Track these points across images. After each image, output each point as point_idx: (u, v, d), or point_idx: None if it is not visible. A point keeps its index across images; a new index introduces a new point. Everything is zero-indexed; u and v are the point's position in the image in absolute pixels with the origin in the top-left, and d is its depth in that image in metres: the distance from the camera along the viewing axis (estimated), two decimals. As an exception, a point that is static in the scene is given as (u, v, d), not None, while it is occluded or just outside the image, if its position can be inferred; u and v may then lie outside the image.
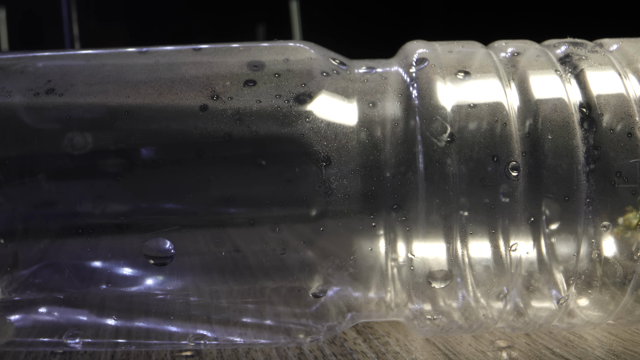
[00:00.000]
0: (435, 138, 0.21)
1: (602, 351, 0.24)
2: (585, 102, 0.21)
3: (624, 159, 0.21)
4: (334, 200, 0.20)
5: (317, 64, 0.22)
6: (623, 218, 0.22)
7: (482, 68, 0.22)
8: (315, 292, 0.21)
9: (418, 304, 0.22)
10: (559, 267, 0.21)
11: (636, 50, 0.23)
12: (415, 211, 0.21)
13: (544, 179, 0.21)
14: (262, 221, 0.20)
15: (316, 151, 0.20)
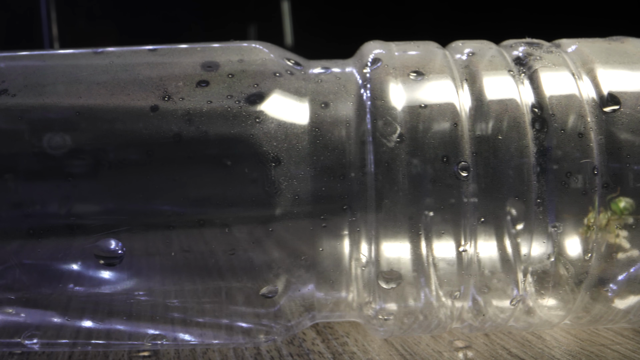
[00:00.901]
0: (385, 138, 0.21)
1: (559, 351, 0.24)
2: (537, 102, 0.21)
3: (574, 159, 0.21)
4: (283, 201, 0.20)
5: (270, 64, 0.22)
6: (589, 218, 0.22)
7: (435, 69, 0.22)
8: (265, 292, 0.21)
9: (371, 304, 0.22)
10: (511, 267, 0.21)
11: (592, 51, 0.23)
12: (365, 212, 0.20)
13: (494, 179, 0.21)
14: (211, 222, 0.20)
15: (265, 152, 0.20)
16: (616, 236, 0.22)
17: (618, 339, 0.25)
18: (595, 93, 0.22)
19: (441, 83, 0.22)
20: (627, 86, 0.22)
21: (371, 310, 0.22)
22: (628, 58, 0.23)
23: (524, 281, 0.22)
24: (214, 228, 0.20)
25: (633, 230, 0.22)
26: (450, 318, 0.23)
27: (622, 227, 0.22)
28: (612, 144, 0.21)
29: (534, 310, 0.23)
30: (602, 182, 0.21)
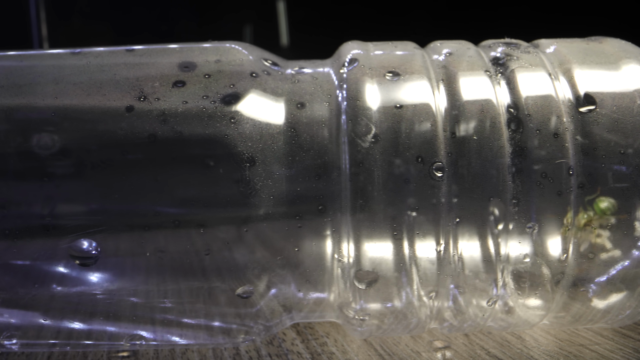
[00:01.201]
0: (360, 139, 0.21)
1: (537, 351, 0.24)
2: (513, 102, 0.21)
3: (549, 159, 0.21)
4: (258, 201, 0.20)
5: (247, 64, 0.22)
6: (566, 218, 0.22)
7: (412, 69, 0.22)
8: (241, 293, 0.21)
9: (349, 304, 0.22)
10: (488, 267, 0.21)
11: (570, 51, 0.23)
12: (340, 212, 0.21)
13: (469, 179, 0.21)
14: (186, 222, 0.20)
15: (240, 152, 0.20)
16: (597, 236, 0.22)
17: (597, 339, 0.25)
18: (571, 93, 0.22)
19: (417, 83, 0.22)
20: (603, 86, 0.22)
21: (349, 310, 0.22)
22: (605, 58, 0.23)
23: (502, 281, 0.22)
24: (190, 228, 0.20)
25: (614, 230, 0.22)
26: (429, 318, 0.23)
27: (603, 227, 0.22)
28: (588, 145, 0.21)
29: (513, 310, 0.23)
30: (577, 183, 0.21)
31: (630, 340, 0.25)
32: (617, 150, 0.21)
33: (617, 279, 0.22)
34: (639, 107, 0.21)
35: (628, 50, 0.23)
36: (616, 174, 0.21)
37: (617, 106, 0.21)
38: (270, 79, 0.22)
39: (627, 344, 0.24)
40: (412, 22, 0.98)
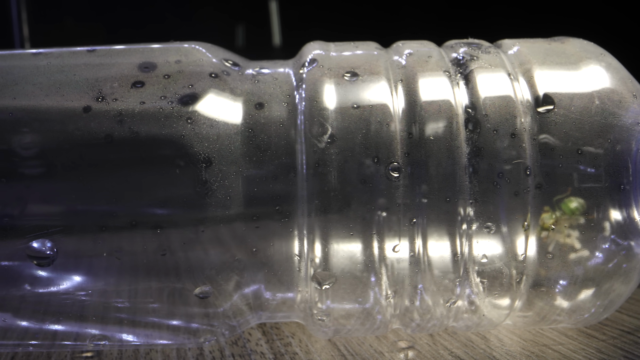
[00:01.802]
0: (316, 139, 0.21)
1: (500, 352, 0.24)
2: (471, 103, 0.21)
3: (506, 159, 0.21)
4: (215, 201, 0.20)
5: (207, 65, 0.22)
6: (540, 218, 0.22)
7: (370, 69, 0.22)
8: (198, 293, 0.21)
9: (308, 305, 0.22)
10: (446, 268, 0.21)
11: (531, 51, 0.23)
12: (296, 213, 0.21)
13: (426, 180, 0.21)
14: (143, 222, 0.20)
15: (196, 152, 0.20)
16: (567, 236, 0.22)
17: (561, 339, 0.25)
18: (530, 93, 0.22)
19: (375, 84, 0.22)
20: (562, 87, 0.22)
21: (311, 311, 0.22)
22: (566, 58, 0.23)
23: (462, 281, 0.22)
24: (147, 229, 0.20)
25: (582, 229, 0.22)
26: (392, 318, 0.23)
27: (572, 227, 0.22)
28: (546, 145, 0.21)
29: (475, 310, 0.23)
30: (535, 183, 0.21)
31: (594, 340, 0.25)
32: (575, 150, 0.21)
33: (582, 278, 0.22)
34: (597, 107, 0.21)
35: (589, 50, 0.23)
36: (573, 174, 0.21)
37: (575, 106, 0.21)
38: (229, 79, 0.22)
39: (591, 344, 0.24)
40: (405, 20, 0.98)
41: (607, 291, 0.23)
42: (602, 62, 0.23)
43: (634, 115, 0.22)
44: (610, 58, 0.23)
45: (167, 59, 0.22)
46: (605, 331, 0.25)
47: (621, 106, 0.21)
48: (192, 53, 0.23)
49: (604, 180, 0.21)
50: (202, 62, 0.22)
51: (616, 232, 0.22)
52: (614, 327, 0.26)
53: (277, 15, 1.04)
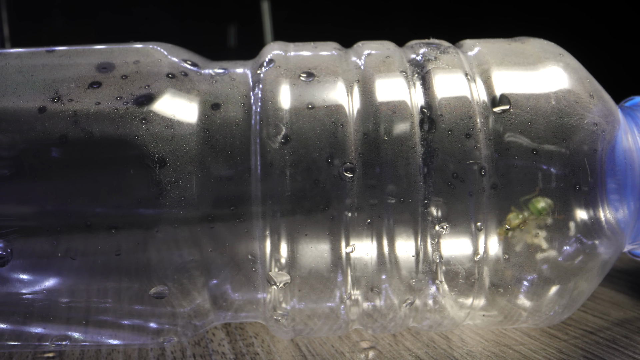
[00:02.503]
0: (270, 140, 0.21)
1: (461, 352, 0.24)
2: (427, 103, 0.21)
3: (461, 160, 0.21)
4: (169, 202, 0.20)
5: (165, 66, 0.22)
6: (507, 218, 0.22)
7: (327, 70, 0.22)
8: (154, 293, 0.21)
9: (265, 305, 0.22)
10: (400, 269, 0.21)
11: (490, 52, 0.23)
12: (250, 213, 0.21)
13: (380, 180, 0.21)
14: (98, 223, 0.20)
15: (150, 153, 0.20)
16: (535, 236, 0.22)
17: (524, 339, 0.25)
18: (486, 94, 0.22)
19: (331, 84, 0.22)
20: (519, 87, 0.22)
21: (268, 311, 0.22)
22: (524, 59, 0.23)
23: (417, 281, 0.22)
24: (101, 229, 0.20)
25: (543, 229, 0.22)
26: (349, 319, 0.23)
27: (540, 227, 0.22)
28: (500, 145, 0.21)
29: (433, 310, 0.23)
30: (490, 183, 0.21)
31: (556, 340, 0.25)
32: (530, 151, 0.21)
33: (544, 277, 0.22)
34: (553, 107, 0.21)
35: (548, 50, 0.23)
36: (528, 174, 0.21)
37: (531, 107, 0.21)
38: (186, 79, 0.22)
39: (552, 344, 0.24)
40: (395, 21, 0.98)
41: (570, 290, 0.23)
42: (561, 62, 0.22)
43: (591, 115, 0.22)
44: (569, 58, 0.23)
45: (125, 60, 0.22)
46: (568, 331, 0.25)
47: (577, 106, 0.21)
48: (151, 54, 0.23)
49: (559, 181, 0.21)
50: (161, 62, 0.22)
51: (581, 231, 0.22)
52: (577, 327, 0.26)
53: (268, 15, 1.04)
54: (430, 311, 0.23)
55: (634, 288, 0.30)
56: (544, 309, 0.23)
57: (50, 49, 0.23)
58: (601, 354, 0.23)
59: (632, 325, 0.26)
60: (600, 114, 0.22)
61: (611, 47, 0.87)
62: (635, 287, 0.31)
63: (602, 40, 0.85)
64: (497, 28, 0.33)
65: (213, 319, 0.23)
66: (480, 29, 0.30)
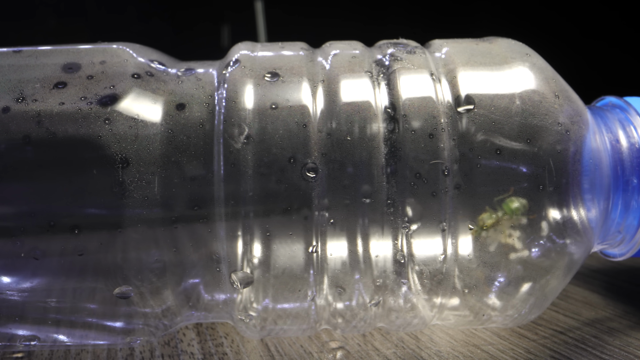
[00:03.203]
0: (233, 140, 0.21)
1: (429, 352, 0.24)
2: (391, 103, 0.21)
3: (424, 160, 0.21)
4: (132, 202, 0.20)
5: (131, 66, 0.22)
6: (479, 218, 0.22)
7: (292, 70, 0.22)
8: (118, 293, 0.21)
9: (233, 305, 0.22)
10: (364, 268, 0.21)
11: (456, 52, 0.23)
12: (213, 213, 0.21)
13: (342, 180, 0.21)
14: (61, 223, 0.20)
15: (113, 153, 0.20)
16: (508, 236, 0.22)
17: (493, 339, 0.25)
18: (451, 94, 0.22)
19: (295, 84, 0.22)
20: (484, 87, 0.22)
21: (234, 311, 0.22)
22: (490, 59, 0.23)
23: (382, 281, 0.22)
24: (64, 229, 0.20)
25: (517, 229, 0.22)
26: (315, 319, 0.23)
27: (514, 227, 0.22)
28: (464, 145, 0.21)
29: (399, 310, 0.23)
30: (454, 183, 0.21)
31: (525, 340, 0.25)
32: (494, 151, 0.21)
33: (514, 277, 0.22)
34: (517, 107, 0.21)
35: (514, 50, 0.23)
36: (491, 174, 0.21)
37: (495, 107, 0.21)
38: (152, 80, 0.22)
39: (521, 344, 0.24)
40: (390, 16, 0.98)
41: (540, 289, 0.23)
42: (527, 62, 0.22)
43: (555, 115, 0.22)
44: (536, 58, 0.23)
45: (92, 60, 0.22)
46: (538, 331, 0.25)
47: (542, 106, 0.21)
48: (118, 54, 0.23)
49: (522, 181, 0.21)
50: (127, 63, 0.22)
51: (552, 231, 0.22)
52: (547, 326, 0.26)
53: (262, 15, 1.04)
54: (399, 311, 0.23)
55: (608, 288, 0.30)
56: (514, 308, 0.23)
57: (17, 49, 0.23)
58: (569, 354, 0.23)
59: (602, 325, 0.26)
60: (566, 114, 0.22)
61: (584, 47, 0.87)
62: (609, 287, 0.31)
63: (575, 40, 0.85)
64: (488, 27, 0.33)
65: (182, 319, 0.23)
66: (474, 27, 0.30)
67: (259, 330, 0.23)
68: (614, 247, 0.26)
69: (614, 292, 0.30)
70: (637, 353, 0.23)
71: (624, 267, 0.33)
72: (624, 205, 0.24)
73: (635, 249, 0.25)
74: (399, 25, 0.97)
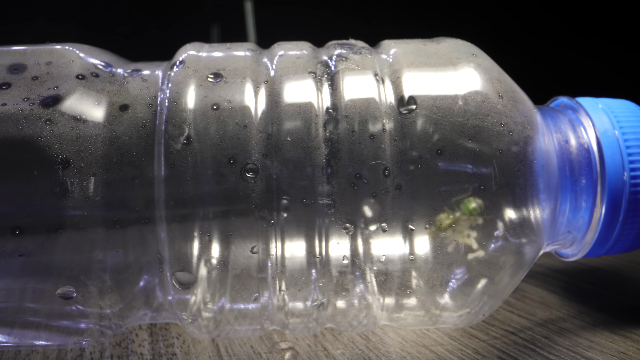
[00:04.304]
0: (173, 141, 0.21)
1: (377, 353, 0.24)
2: (333, 104, 0.21)
3: (364, 161, 0.21)
4: (73, 203, 0.20)
5: (77, 67, 0.22)
6: (436, 219, 0.22)
7: (236, 71, 0.22)
8: (60, 293, 0.21)
9: (179, 306, 0.22)
10: (303, 269, 0.21)
11: (403, 52, 0.23)
12: (154, 215, 0.21)
13: (283, 181, 0.21)
14: (2, 224, 0.20)
15: (54, 154, 0.20)
16: (467, 236, 0.22)
17: (443, 339, 0.25)
18: (394, 95, 0.22)
19: (238, 85, 0.22)
20: (427, 88, 0.22)
21: (178, 312, 0.22)
22: (436, 59, 0.23)
23: (324, 282, 0.22)
24: (5, 230, 0.20)
25: (472, 230, 0.22)
26: (259, 320, 0.23)
27: (472, 228, 0.22)
28: (405, 146, 0.21)
29: (340, 312, 0.23)
30: (395, 184, 0.21)
31: (475, 341, 0.25)
32: (435, 152, 0.21)
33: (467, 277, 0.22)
34: (459, 108, 0.21)
35: (461, 51, 0.23)
36: (433, 175, 0.21)
37: (438, 107, 0.21)
38: (97, 81, 0.22)
39: (470, 345, 0.24)
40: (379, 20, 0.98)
41: (493, 289, 0.23)
42: (472, 63, 0.22)
43: (498, 116, 0.22)
44: (482, 58, 0.23)
45: (38, 61, 0.22)
46: (490, 331, 0.25)
47: (484, 107, 0.21)
48: (65, 55, 0.23)
49: (464, 182, 0.21)
50: (73, 63, 0.22)
51: (503, 230, 0.22)
52: (499, 327, 0.26)
53: (252, 15, 1.04)
54: (346, 312, 0.23)
55: (566, 288, 0.30)
56: (467, 307, 0.23)
57: (-37, 51, 0.23)
58: (516, 354, 0.23)
59: (554, 326, 0.26)
60: (510, 115, 0.22)
61: (540, 49, 0.87)
62: (568, 287, 0.31)
63: (527, 43, 0.86)
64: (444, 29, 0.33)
65: (132, 320, 0.23)
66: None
67: (206, 330, 0.23)
68: (567, 247, 0.26)
69: (571, 293, 0.30)
70: (585, 353, 0.23)
71: (586, 267, 0.33)
72: (573, 206, 0.24)
73: (585, 249, 0.25)
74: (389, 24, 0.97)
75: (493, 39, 0.28)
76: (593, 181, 0.24)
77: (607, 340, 0.24)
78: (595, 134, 0.24)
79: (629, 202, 0.24)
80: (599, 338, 0.24)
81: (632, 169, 0.24)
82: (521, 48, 0.91)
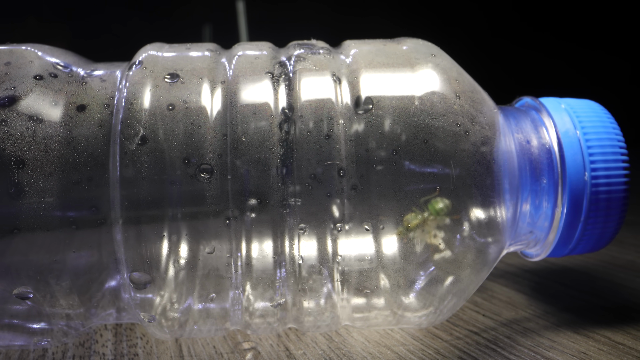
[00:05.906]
0: (128, 141, 0.21)
1: (338, 353, 0.24)
2: (289, 104, 0.21)
3: (319, 161, 0.21)
4: (28, 203, 0.20)
5: (35, 67, 0.22)
6: (404, 219, 0.22)
7: (193, 71, 0.22)
8: (17, 293, 0.21)
9: (134, 307, 0.22)
10: (262, 269, 0.21)
11: (363, 53, 0.23)
12: (110, 215, 0.21)
13: (237, 181, 0.21)
14: (-42, 224, 0.21)
15: (9, 154, 0.20)
16: (434, 236, 0.22)
17: (406, 340, 0.25)
18: (350, 95, 0.22)
19: (194, 86, 0.22)
20: (383, 89, 0.22)
21: (137, 313, 0.22)
22: (394, 59, 0.23)
23: (282, 282, 0.22)
24: (-38, 231, 0.20)
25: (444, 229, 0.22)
26: (219, 321, 0.23)
27: (439, 228, 0.22)
28: (361, 146, 0.21)
29: (304, 312, 0.23)
30: (350, 184, 0.21)
31: (438, 341, 0.25)
32: (391, 152, 0.21)
33: (432, 277, 0.22)
34: (416, 108, 0.21)
35: (420, 51, 0.23)
36: (388, 175, 0.21)
37: (394, 108, 0.21)
38: (56, 81, 0.22)
39: (432, 345, 0.24)
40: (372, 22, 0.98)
41: (457, 288, 0.23)
42: (430, 63, 0.22)
43: (454, 116, 0.22)
44: (441, 59, 0.23)
45: (-3, 62, 0.22)
46: (453, 331, 0.25)
47: (440, 107, 0.21)
48: (24, 55, 0.23)
49: (419, 182, 0.21)
50: (31, 64, 0.22)
51: (468, 229, 0.22)
52: (464, 327, 0.26)
53: (244, 15, 1.04)
54: (306, 313, 0.23)
55: (535, 288, 0.30)
56: (432, 307, 0.23)
57: None
58: (477, 355, 0.23)
59: (519, 326, 0.26)
60: (467, 115, 0.22)
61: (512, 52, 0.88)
62: (536, 287, 0.31)
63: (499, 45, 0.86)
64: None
65: (94, 320, 0.23)
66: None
67: (168, 331, 0.23)
68: (530, 247, 0.26)
69: (539, 292, 0.30)
70: (546, 354, 0.23)
71: (557, 267, 0.33)
72: (535, 206, 0.24)
73: (548, 249, 0.25)
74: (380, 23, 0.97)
75: (464, 41, 0.28)
76: (554, 181, 0.24)
77: (569, 340, 0.24)
78: (556, 134, 0.24)
79: (590, 202, 0.24)
80: (562, 338, 0.24)
81: (593, 169, 0.24)
82: (489, 50, 0.91)
